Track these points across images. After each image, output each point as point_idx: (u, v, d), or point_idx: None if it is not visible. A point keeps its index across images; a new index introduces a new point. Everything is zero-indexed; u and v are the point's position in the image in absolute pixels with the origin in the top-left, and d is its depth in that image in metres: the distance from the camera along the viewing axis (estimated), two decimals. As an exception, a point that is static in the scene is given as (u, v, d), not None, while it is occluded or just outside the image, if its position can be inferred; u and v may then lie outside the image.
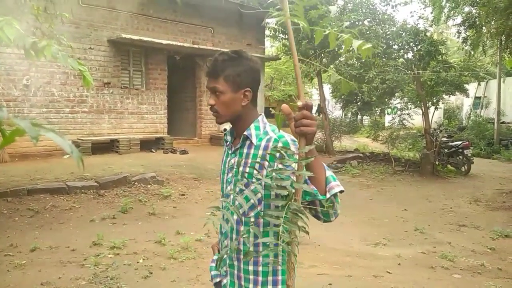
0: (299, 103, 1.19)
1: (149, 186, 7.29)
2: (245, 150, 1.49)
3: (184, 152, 10.54)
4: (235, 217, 1.47)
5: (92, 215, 5.86)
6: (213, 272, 1.65)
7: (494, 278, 4.33)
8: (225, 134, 1.64)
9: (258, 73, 1.55)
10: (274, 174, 1.22)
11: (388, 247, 5.29)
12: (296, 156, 1.25)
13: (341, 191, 1.32)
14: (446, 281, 4.23)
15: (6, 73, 8.98)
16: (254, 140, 1.47)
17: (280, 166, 1.29)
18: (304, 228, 1.16)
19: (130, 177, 7.42)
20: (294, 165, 1.23)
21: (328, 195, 1.29)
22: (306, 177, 1.26)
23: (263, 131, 1.50)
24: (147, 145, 10.77)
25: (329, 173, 1.32)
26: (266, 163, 1.42)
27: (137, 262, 4.37)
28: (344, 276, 4.28)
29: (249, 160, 1.46)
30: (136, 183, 7.31)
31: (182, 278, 4.01)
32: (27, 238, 4.91)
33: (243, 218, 1.46)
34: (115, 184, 7.11)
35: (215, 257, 1.68)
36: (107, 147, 10.27)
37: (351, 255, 4.95)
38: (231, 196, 1.47)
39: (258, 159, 1.43)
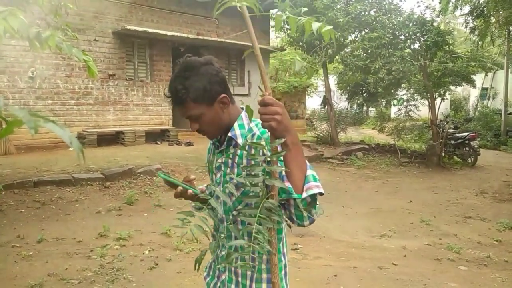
0: (266, 94, 1.17)
1: (154, 178, 7.31)
2: (231, 150, 1.43)
3: (189, 144, 10.55)
4: (230, 216, 1.44)
5: (98, 207, 5.89)
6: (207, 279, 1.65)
7: (500, 270, 4.32)
8: None
9: (220, 72, 1.42)
10: (243, 171, 1.19)
11: (393, 238, 5.28)
12: (265, 151, 1.21)
13: (321, 194, 1.22)
14: (452, 273, 4.22)
15: (11, 65, 8.99)
16: (239, 141, 1.41)
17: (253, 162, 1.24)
18: (280, 226, 1.14)
19: (136, 169, 7.44)
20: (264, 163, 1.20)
21: (304, 195, 1.19)
22: (283, 173, 1.20)
23: (248, 128, 1.43)
24: (152, 137, 10.78)
25: (310, 172, 1.23)
26: (244, 161, 1.37)
27: (143, 254, 4.39)
28: (349, 267, 4.27)
29: (236, 160, 1.41)
30: (141, 175, 7.33)
31: (188, 269, 4.03)
32: (34, 230, 4.94)
33: (238, 219, 1.42)
34: (120, 176, 7.13)
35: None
36: (113, 139, 10.30)
37: (356, 246, 4.94)
38: (221, 198, 1.41)
39: (244, 158, 1.38)
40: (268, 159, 1.18)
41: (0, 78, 8.91)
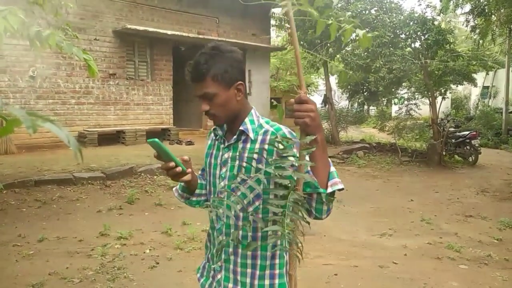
0: (302, 92, 1.21)
1: (155, 177, 7.31)
2: (240, 145, 1.44)
3: (190, 143, 10.56)
4: (232, 212, 1.44)
5: (99, 206, 5.90)
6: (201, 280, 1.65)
7: (500, 269, 4.31)
8: (214, 128, 1.57)
9: (242, 63, 1.48)
10: (274, 163, 1.23)
11: (394, 237, 5.27)
12: (294, 148, 1.27)
13: (342, 189, 1.29)
14: (452, 272, 4.22)
15: (12, 65, 9.00)
16: (251, 135, 1.42)
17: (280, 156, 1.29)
18: (305, 218, 1.19)
19: (137, 168, 7.45)
20: (292, 158, 1.24)
21: (330, 190, 1.27)
22: (308, 169, 1.24)
23: (258, 124, 1.46)
24: (153, 136, 10.75)
25: (333, 169, 1.30)
26: (255, 156, 1.38)
27: (144, 253, 4.40)
28: (349, 266, 4.27)
29: (245, 155, 1.42)
30: (142, 174, 7.34)
31: (189, 268, 4.03)
32: (35, 229, 4.95)
33: (241, 214, 1.43)
34: (121, 175, 7.14)
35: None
36: (113, 138, 10.31)
37: (357, 245, 4.94)
38: (226, 192, 1.42)
39: (256, 153, 1.39)
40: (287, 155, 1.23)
41: (1, 77, 8.92)
